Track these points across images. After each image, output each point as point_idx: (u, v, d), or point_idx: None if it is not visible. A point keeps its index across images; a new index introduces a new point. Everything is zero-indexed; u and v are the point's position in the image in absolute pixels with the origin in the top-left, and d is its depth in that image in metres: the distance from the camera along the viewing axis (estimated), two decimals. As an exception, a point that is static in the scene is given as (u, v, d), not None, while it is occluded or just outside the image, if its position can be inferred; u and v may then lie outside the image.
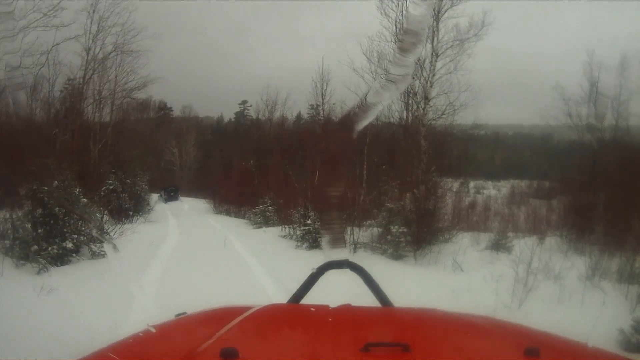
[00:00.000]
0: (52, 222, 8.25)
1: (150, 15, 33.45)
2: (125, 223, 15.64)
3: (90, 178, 19.13)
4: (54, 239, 8.24)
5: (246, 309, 1.62)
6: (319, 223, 12.10)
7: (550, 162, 31.98)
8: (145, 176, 22.05)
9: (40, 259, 7.84)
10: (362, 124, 1.70)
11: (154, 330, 1.37)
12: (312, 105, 24.50)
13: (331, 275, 1.98)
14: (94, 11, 17.87)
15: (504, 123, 41.88)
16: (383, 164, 17.56)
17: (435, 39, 15.96)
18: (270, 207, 18.01)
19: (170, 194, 35.14)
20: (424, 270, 11.67)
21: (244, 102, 57.88)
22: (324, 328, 1.47)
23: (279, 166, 19.88)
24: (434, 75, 15.71)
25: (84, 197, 17.16)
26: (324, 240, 2.21)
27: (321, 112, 15.51)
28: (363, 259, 11.10)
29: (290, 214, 15.86)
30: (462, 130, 16.06)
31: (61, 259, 8.31)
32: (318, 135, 18.13)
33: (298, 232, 13.30)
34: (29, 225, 8.22)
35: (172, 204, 31.53)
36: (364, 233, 14.28)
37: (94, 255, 8.90)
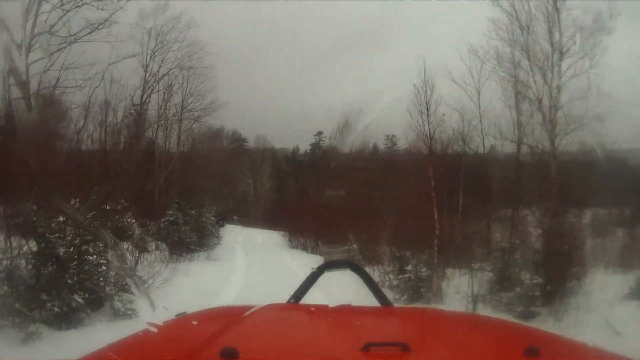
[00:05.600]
0: (53, 267, 5.76)
1: (225, 39, 32.28)
2: (182, 261, 13.58)
3: (152, 207, 17.48)
4: (58, 291, 5.74)
5: (246, 309, 1.62)
6: (424, 269, 9.10)
7: None
8: (213, 207, 19.89)
9: (35, 320, 5.35)
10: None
11: (154, 330, 1.35)
12: (387, 136, 23.28)
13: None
14: (151, 28, 16.42)
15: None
16: (488, 191, 14.36)
17: (559, 32, 12.74)
18: (353, 245, 14.94)
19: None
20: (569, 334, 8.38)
21: (319, 133, 56.42)
22: (324, 328, 1.55)
23: (361, 197, 17.13)
24: (560, 77, 12.42)
25: (140, 227, 15.14)
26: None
27: (426, 125, 12.84)
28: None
29: (378, 253, 12.91)
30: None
31: (67, 318, 5.77)
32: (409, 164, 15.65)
33: (395, 281, 10.10)
34: (24, 272, 5.78)
35: (245, 237, 29.86)
36: (464, 278, 11.21)
37: (117, 314, 6.32)
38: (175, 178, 21.31)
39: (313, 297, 1.80)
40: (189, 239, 15.45)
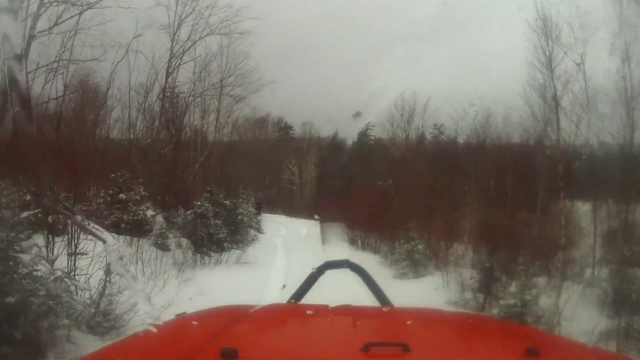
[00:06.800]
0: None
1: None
2: (206, 264, 11.33)
3: (180, 197, 15.32)
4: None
5: (246, 309, 1.63)
6: (533, 291, 6.29)
7: None
8: (250, 197, 17.50)
9: None
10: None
11: (154, 330, 1.34)
12: (435, 125, 21.88)
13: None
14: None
15: None
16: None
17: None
18: (419, 246, 12.14)
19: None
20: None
21: (367, 123, 53.94)
22: (324, 328, 1.52)
23: (427, 188, 14.33)
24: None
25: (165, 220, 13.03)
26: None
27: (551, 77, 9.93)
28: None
29: (451, 256, 10.13)
30: None
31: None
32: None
33: (494, 309, 7.18)
34: None
35: (289, 229, 27.82)
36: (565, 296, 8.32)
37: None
38: (212, 165, 19.34)
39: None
40: (219, 235, 13.02)
